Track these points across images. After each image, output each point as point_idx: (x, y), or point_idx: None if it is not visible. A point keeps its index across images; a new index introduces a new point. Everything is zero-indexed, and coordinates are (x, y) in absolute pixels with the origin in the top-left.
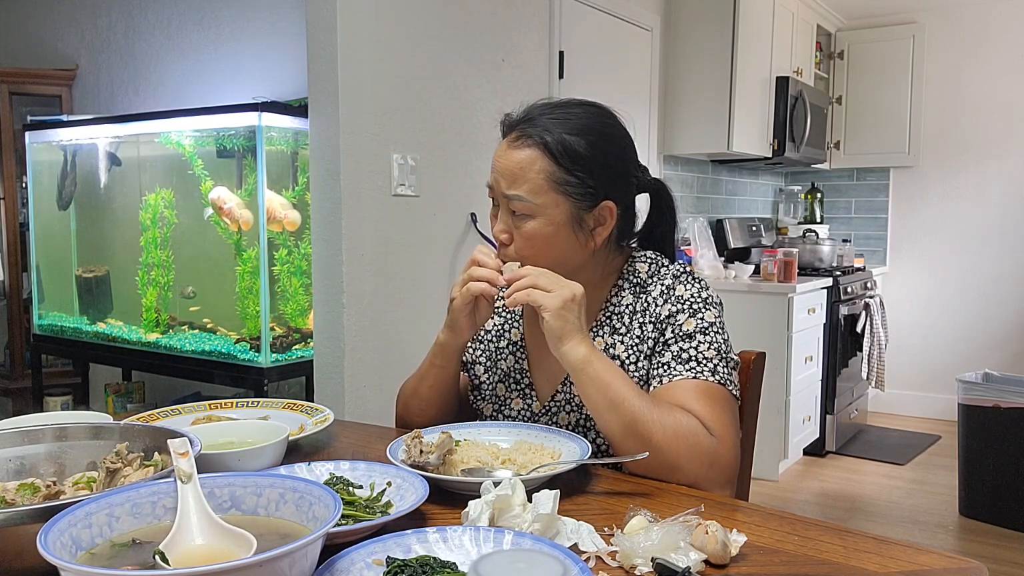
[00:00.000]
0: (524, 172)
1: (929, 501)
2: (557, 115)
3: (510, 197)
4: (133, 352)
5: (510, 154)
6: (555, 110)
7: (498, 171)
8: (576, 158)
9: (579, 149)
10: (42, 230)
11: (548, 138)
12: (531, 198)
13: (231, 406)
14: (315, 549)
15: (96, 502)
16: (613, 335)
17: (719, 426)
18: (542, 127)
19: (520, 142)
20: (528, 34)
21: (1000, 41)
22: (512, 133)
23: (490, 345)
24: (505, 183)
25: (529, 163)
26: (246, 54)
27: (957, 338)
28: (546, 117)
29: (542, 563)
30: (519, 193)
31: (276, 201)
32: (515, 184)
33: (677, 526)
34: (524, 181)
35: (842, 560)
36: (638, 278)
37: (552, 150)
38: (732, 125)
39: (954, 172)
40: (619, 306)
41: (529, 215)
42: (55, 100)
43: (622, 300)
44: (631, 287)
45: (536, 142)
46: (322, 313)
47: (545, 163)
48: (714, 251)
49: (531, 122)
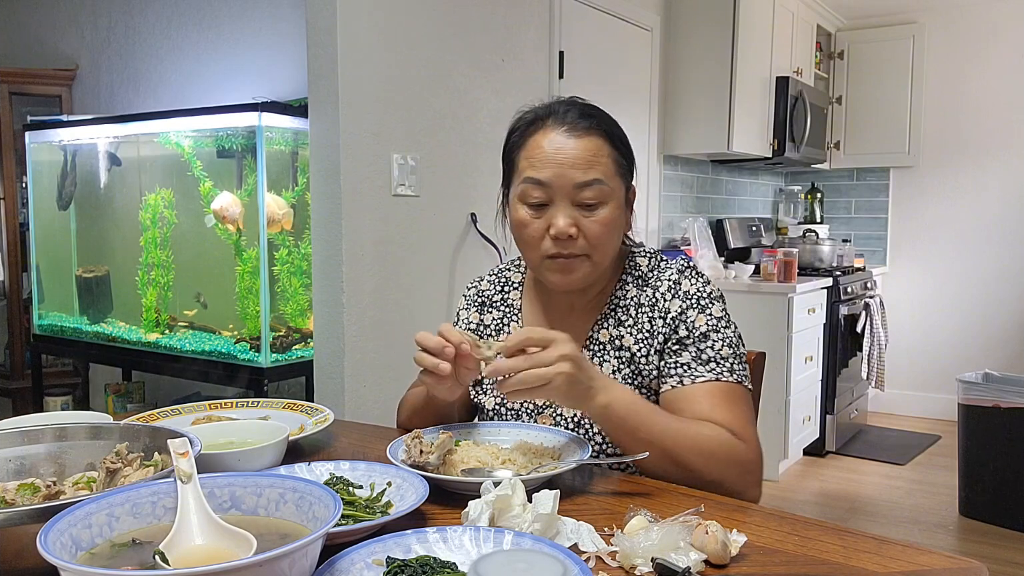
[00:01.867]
0: (597, 158)
1: (929, 501)
2: (590, 109)
3: (586, 184)
4: (133, 352)
5: (573, 141)
6: (583, 105)
7: (560, 162)
8: (624, 142)
9: (622, 135)
10: (42, 230)
11: (604, 124)
12: (607, 181)
13: (231, 406)
14: (315, 549)
15: (96, 502)
16: (619, 327)
17: (742, 429)
18: (594, 117)
19: (580, 130)
20: (528, 34)
21: (1000, 41)
22: (557, 123)
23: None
24: (578, 171)
25: (598, 149)
26: (246, 54)
27: (957, 338)
28: (583, 107)
29: (542, 563)
30: (599, 178)
31: (274, 204)
32: (591, 170)
33: (677, 526)
34: (599, 165)
35: (842, 560)
36: (639, 271)
37: (611, 134)
38: (732, 125)
39: (954, 172)
40: (623, 299)
41: (602, 201)
42: (55, 100)
43: (626, 293)
44: (633, 280)
45: (596, 128)
46: (322, 313)
47: (609, 148)
48: (714, 251)
49: (576, 111)
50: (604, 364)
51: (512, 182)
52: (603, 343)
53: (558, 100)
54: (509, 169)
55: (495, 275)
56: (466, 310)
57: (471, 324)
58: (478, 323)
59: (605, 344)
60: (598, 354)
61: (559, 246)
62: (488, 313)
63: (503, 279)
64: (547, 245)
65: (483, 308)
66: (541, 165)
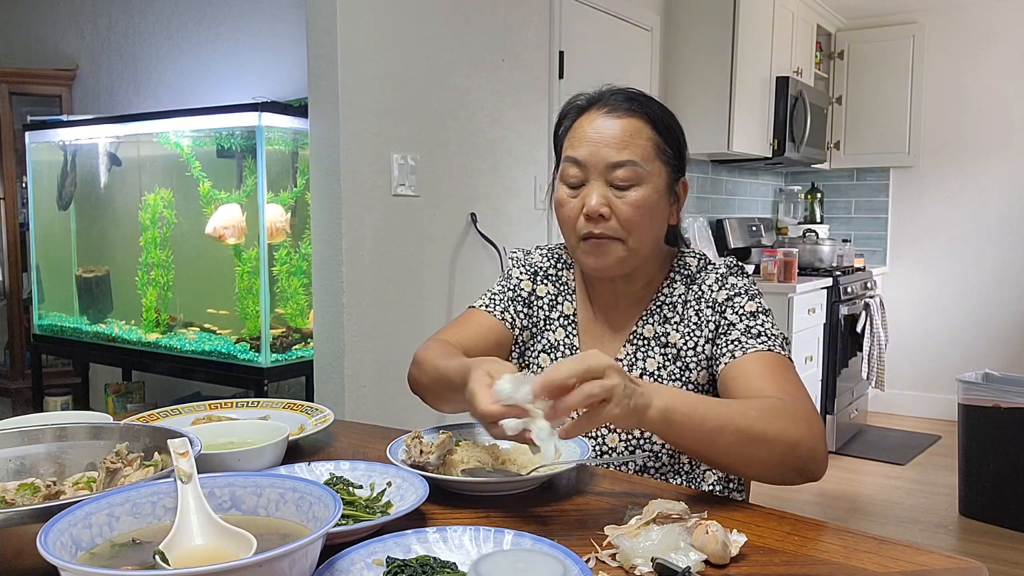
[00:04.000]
0: (633, 139)
1: (929, 501)
2: (635, 94)
3: (619, 164)
4: (133, 352)
5: (611, 122)
6: (631, 90)
7: (596, 141)
8: (672, 129)
9: (672, 123)
10: (42, 230)
11: (649, 108)
12: (643, 163)
13: (231, 406)
14: (315, 549)
15: (96, 502)
16: (665, 324)
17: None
18: (637, 100)
19: (620, 112)
20: (528, 34)
21: (1000, 41)
22: (601, 106)
23: (539, 312)
24: (612, 151)
25: (636, 130)
26: (246, 54)
27: (957, 338)
28: (631, 92)
29: (542, 563)
30: (632, 158)
31: (272, 212)
32: (625, 150)
33: (677, 526)
34: (635, 147)
35: (842, 560)
36: (688, 271)
37: (654, 119)
38: (732, 125)
39: (954, 172)
40: (671, 296)
41: (636, 183)
42: (55, 100)
43: (674, 291)
44: (682, 279)
45: (638, 110)
46: (322, 313)
47: (649, 131)
48: (714, 251)
49: (622, 95)
50: (647, 360)
51: (559, 166)
52: (647, 339)
53: (609, 87)
54: (558, 153)
55: (546, 250)
56: (521, 275)
57: (524, 291)
58: (530, 292)
59: (649, 340)
60: (641, 348)
61: (591, 225)
62: (542, 285)
63: (556, 255)
64: (581, 224)
65: (536, 278)
66: (579, 144)
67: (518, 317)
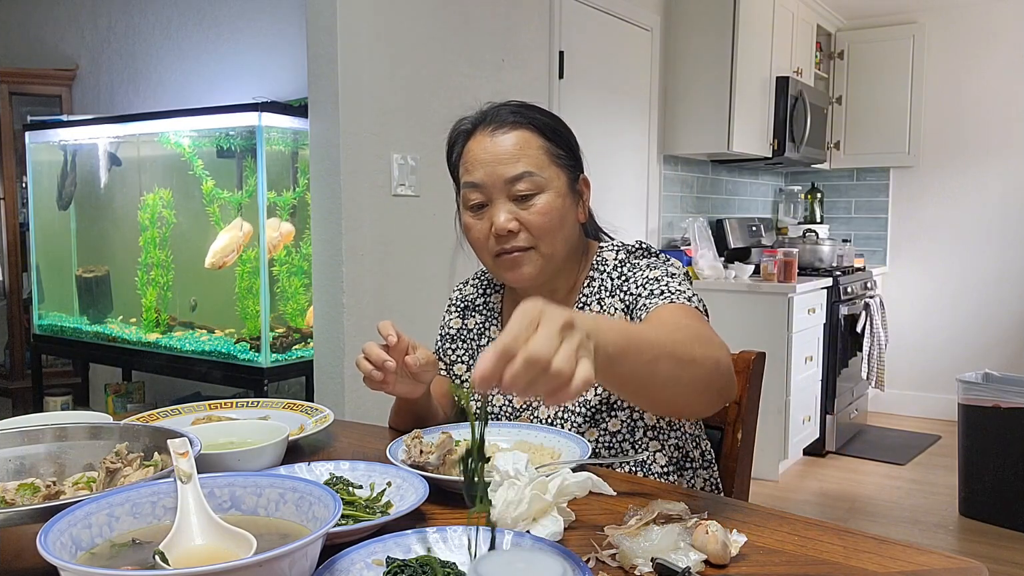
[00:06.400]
0: (524, 150)
1: (929, 501)
2: (516, 107)
3: (516, 177)
4: (133, 352)
5: (499, 140)
6: (512, 104)
7: (489, 161)
8: (559, 132)
9: (557, 126)
10: (42, 230)
11: (532, 118)
12: (539, 172)
13: (231, 406)
14: (315, 549)
15: (96, 502)
16: None
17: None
18: (519, 112)
19: (506, 127)
20: (528, 34)
21: (1000, 41)
22: (486, 125)
23: (472, 344)
24: (506, 166)
25: (525, 141)
26: (246, 54)
27: (957, 338)
28: (513, 106)
29: (542, 563)
30: (527, 169)
31: (272, 225)
32: (519, 163)
33: (677, 526)
34: (527, 157)
35: (842, 560)
36: (605, 266)
37: (540, 126)
38: (732, 125)
39: (954, 172)
40: (593, 294)
41: (538, 191)
42: (55, 100)
43: (594, 288)
44: (599, 275)
45: (523, 122)
46: (322, 313)
47: (538, 139)
48: (714, 251)
49: (505, 110)
50: None
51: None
52: None
53: (491, 105)
54: (456, 181)
55: (479, 279)
56: (449, 314)
57: (451, 329)
58: (459, 327)
59: None
60: None
61: (502, 242)
62: (471, 317)
63: (485, 280)
64: (492, 244)
65: (465, 312)
66: (473, 168)
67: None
